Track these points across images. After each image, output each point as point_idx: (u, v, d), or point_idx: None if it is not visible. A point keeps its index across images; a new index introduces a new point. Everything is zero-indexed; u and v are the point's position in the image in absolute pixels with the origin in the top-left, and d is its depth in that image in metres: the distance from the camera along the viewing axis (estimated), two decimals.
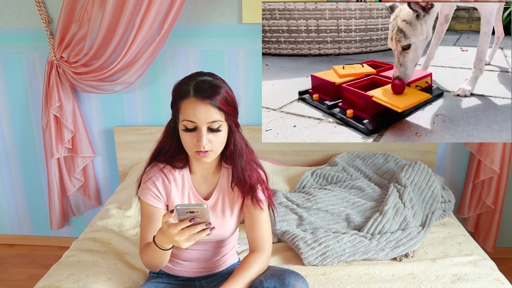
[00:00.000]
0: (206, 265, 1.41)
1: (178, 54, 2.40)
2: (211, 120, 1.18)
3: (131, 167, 2.52)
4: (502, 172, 2.35)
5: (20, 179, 2.68)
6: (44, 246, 2.79)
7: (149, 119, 2.51)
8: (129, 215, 1.95)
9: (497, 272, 1.56)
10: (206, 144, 1.18)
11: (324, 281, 1.50)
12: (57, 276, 1.49)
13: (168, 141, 1.30)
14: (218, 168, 1.35)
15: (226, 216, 1.34)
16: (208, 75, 1.23)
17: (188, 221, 1.09)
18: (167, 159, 1.31)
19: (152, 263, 1.28)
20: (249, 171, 1.30)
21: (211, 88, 1.19)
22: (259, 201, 1.31)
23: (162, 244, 1.16)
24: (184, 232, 1.09)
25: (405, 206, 1.87)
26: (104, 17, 2.13)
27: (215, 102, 1.17)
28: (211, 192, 1.35)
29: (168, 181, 1.30)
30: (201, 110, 1.17)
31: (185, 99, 1.19)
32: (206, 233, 1.11)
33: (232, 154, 1.28)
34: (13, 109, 2.54)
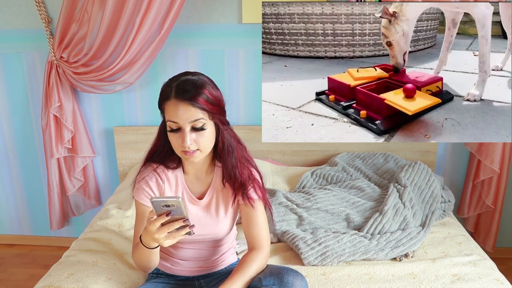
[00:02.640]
0: (204, 264, 1.41)
1: (178, 54, 2.40)
2: (193, 119, 1.18)
3: (131, 167, 2.52)
4: (502, 172, 2.35)
5: (20, 179, 2.68)
6: (44, 246, 2.79)
7: (149, 119, 2.51)
8: (129, 215, 1.95)
9: (497, 272, 1.56)
10: (190, 144, 1.19)
11: (324, 281, 1.50)
12: (57, 276, 1.49)
13: (161, 142, 1.31)
14: (211, 168, 1.36)
15: (220, 215, 1.34)
16: (192, 75, 1.23)
17: (165, 215, 1.10)
18: (161, 159, 1.32)
19: (142, 263, 1.29)
20: (239, 168, 1.30)
21: (193, 89, 1.19)
22: (250, 199, 1.31)
23: (147, 242, 1.17)
24: (163, 229, 1.10)
25: (405, 206, 1.87)
26: (104, 17, 2.12)
27: (196, 102, 1.17)
28: (205, 191, 1.35)
29: (162, 181, 1.31)
30: (182, 110, 1.18)
31: (167, 100, 1.20)
32: (185, 231, 1.11)
33: (222, 152, 1.29)
34: (13, 109, 2.54)
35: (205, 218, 1.33)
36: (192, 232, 1.13)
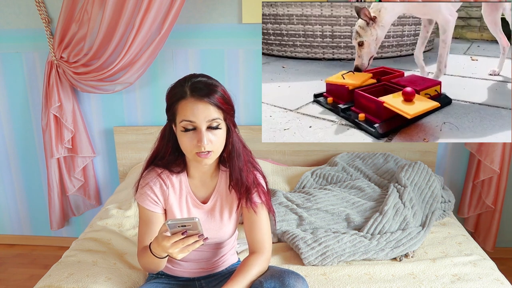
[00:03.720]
0: (205, 266, 1.41)
1: (178, 54, 2.40)
2: (211, 118, 1.18)
3: (131, 167, 2.52)
4: (502, 172, 2.36)
5: (20, 179, 2.68)
6: (44, 246, 2.79)
7: (149, 119, 2.51)
8: (129, 215, 1.95)
9: (497, 272, 1.56)
10: (207, 144, 1.18)
11: (324, 281, 1.50)
12: (57, 276, 1.49)
13: (164, 146, 1.30)
14: (216, 172, 1.35)
15: (224, 219, 1.34)
16: (201, 76, 1.23)
17: (181, 234, 1.10)
18: (165, 164, 1.30)
19: (149, 267, 1.29)
20: (246, 172, 1.29)
21: (208, 87, 1.18)
22: (254, 203, 1.30)
23: (157, 252, 1.17)
24: (177, 245, 1.10)
25: (405, 206, 1.87)
26: (104, 17, 2.13)
27: (213, 100, 1.17)
28: (209, 195, 1.34)
29: (166, 186, 1.30)
30: (200, 109, 1.17)
31: (182, 100, 1.19)
32: (199, 244, 1.12)
33: (230, 155, 1.28)
34: (13, 109, 2.54)
35: (209, 223, 1.33)
36: (204, 243, 1.13)
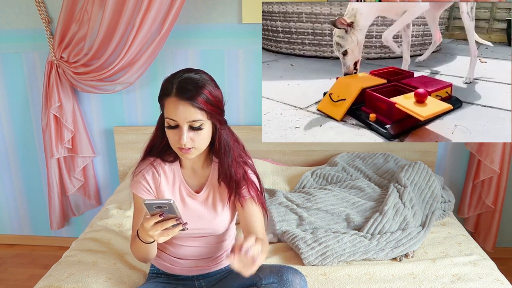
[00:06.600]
0: (203, 263, 1.42)
1: (178, 54, 2.40)
2: (191, 119, 1.20)
3: (131, 167, 2.51)
4: (502, 172, 2.35)
5: (20, 179, 2.68)
6: (44, 246, 2.79)
7: (149, 119, 2.51)
8: (129, 215, 1.95)
9: (497, 272, 1.56)
10: (187, 142, 1.21)
11: (324, 281, 1.50)
12: (57, 276, 1.49)
13: (159, 136, 1.33)
14: (207, 162, 1.37)
15: (218, 209, 1.35)
16: (195, 72, 1.24)
17: (158, 216, 1.13)
18: (159, 153, 1.34)
19: (140, 255, 1.33)
20: (235, 167, 1.31)
21: (194, 88, 1.19)
22: (242, 197, 1.32)
23: (144, 237, 1.20)
24: (156, 227, 1.14)
25: (405, 206, 1.87)
26: (104, 17, 2.12)
27: (195, 102, 1.18)
28: (202, 186, 1.36)
29: (158, 174, 1.33)
30: (181, 109, 1.19)
31: (167, 97, 1.21)
32: (179, 228, 1.15)
33: (218, 151, 1.30)
34: (13, 109, 2.54)
35: (203, 212, 1.34)
36: (186, 228, 1.16)
